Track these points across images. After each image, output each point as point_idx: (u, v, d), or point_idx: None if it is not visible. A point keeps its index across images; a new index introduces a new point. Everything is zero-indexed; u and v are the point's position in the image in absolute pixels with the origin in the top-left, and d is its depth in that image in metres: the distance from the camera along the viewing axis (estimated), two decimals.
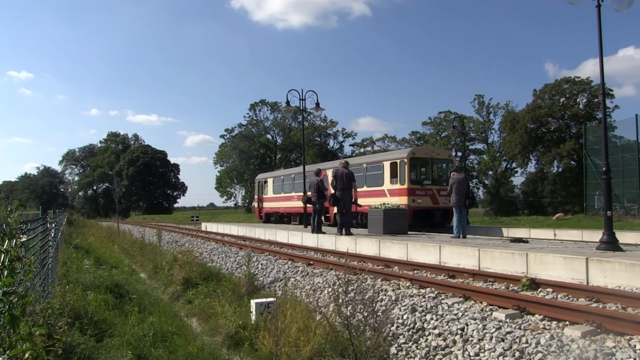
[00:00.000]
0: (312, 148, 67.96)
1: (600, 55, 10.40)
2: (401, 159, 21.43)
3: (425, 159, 22.22)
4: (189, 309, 10.03)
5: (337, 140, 77.04)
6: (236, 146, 75.63)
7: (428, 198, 21.25)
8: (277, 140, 79.04)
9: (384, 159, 23.15)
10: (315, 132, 72.22)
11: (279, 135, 79.37)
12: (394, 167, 21.58)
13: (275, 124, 78.79)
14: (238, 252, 16.29)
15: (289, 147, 74.63)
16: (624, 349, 4.99)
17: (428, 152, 22.74)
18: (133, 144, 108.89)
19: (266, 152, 77.79)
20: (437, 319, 6.64)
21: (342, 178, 15.63)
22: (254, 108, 78.60)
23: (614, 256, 8.49)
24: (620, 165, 24.54)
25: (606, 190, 10.33)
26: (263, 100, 78.18)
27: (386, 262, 11.58)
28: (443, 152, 24.38)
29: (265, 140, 77.25)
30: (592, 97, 50.03)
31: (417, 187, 21.13)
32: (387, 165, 22.10)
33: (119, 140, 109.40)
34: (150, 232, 30.08)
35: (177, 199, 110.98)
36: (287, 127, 76.79)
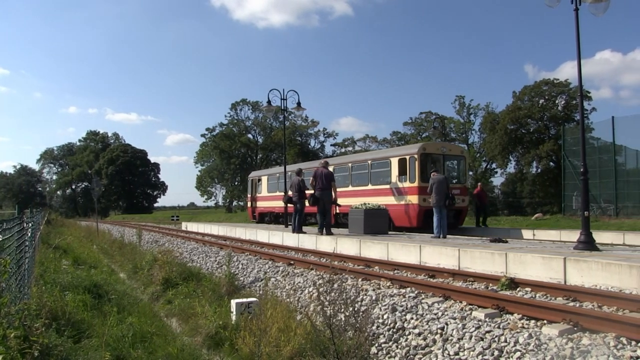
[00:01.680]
0: (293, 148, 67.86)
1: (578, 58, 10.54)
2: (411, 154, 19.93)
3: (436, 155, 20.64)
4: (168, 309, 9.96)
5: (318, 140, 77.04)
6: (217, 145, 75.19)
7: None
8: (258, 140, 78.79)
9: (391, 154, 21.62)
10: (296, 132, 72.09)
11: (260, 135, 79.13)
12: (403, 164, 20.14)
13: (257, 123, 78.51)
14: (218, 252, 16.22)
15: (270, 146, 74.43)
16: (599, 346, 5.07)
17: (440, 148, 21.01)
18: (113, 142, 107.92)
19: (247, 152, 77.48)
20: (417, 319, 6.68)
21: (321, 178, 15.67)
22: (235, 107, 78.25)
23: (591, 256, 8.61)
24: (597, 166, 24.86)
25: (583, 191, 10.46)
26: (244, 100, 77.91)
27: (367, 262, 11.61)
28: (455, 148, 22.70)
29: (246, 140, 76.91)
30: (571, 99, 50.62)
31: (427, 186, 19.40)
32: (395, 161, 20.59)
33: (99, 139, 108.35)
34: (130, 231, 29.83)
35: (157, 198, 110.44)
36: (269, 126, 76.61)
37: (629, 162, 26.13)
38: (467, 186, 22.08)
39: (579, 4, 10.14)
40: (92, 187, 32.25)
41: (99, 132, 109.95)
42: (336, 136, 79.65)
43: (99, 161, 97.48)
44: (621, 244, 15.25)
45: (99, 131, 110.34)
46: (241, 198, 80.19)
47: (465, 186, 21.20)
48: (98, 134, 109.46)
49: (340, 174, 23.64)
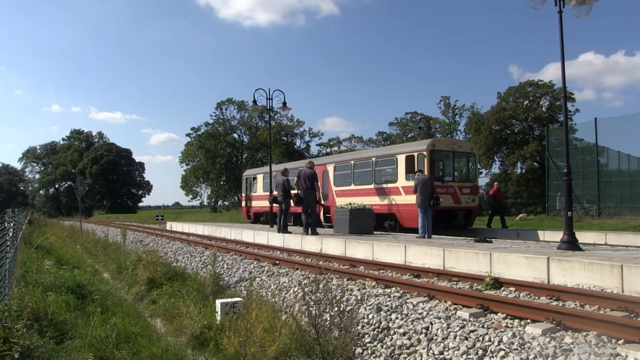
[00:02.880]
0: (279, 147, 67.75)
1: (562, 60, 10.63)
2: (420, 151, 18.84)
3: (446, 152, 19.52)
4: (153, 309, 9.90)
5: (304, 140, 76.94)
6: (202, 145, 74.86)
7: (449, 197, 18.83)
8: (243, 140, 78.57)
9: (398, 151, 20.39)
10: (282, 132, 71.96)
11: (245, 135, 78.89)
12: (411, 161, 19.05)
13: (242, 123, 78.30)
14: (203, 252, 16.16)
15: (256, 146, 74.23)
16: (581, 344, 5.14)
17: (449, 145, 19.98)
18: (97, 141, 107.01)
19: (232, 152, 77.22)
20: (402, 318, 6.69)
21: (305, 178, 15.73)
22: (220, 107, 77.95)
23: (574, 255, 8.69)
24: (580, 167, 25.08)
25: (567, 191, 10.55)
26: (230, 99, 77.64)
27: (352, 262, 11.63)
28: (465, 145, 21.53)
29: (232, 140, 76.65)
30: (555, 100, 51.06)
31: (437, 184, 18.15)
32: (402, 159, 19.44)
33: (83, 137, 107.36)
34: (114, 231, 29.61)
35: (142, 198, 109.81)
36: (254, 126, 76.43)
37: (611, 163, 26.41)
38: (477, 185, 21.04)
39: (562, 7, 10.22)
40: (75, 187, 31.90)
41: (83, 131, 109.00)
42: (322, 136, 79.85)
43: (83, 160, 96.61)
44: (603, 243, 15.40)
45: (83, 130, 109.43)
46: (226, 198, 79.99)
47: (475, 185, 20.31)
48: (82, 132, 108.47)
49: (341, 172, 23.13)
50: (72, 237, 27.09)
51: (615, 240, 15.90)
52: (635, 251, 10.38)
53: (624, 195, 24.48)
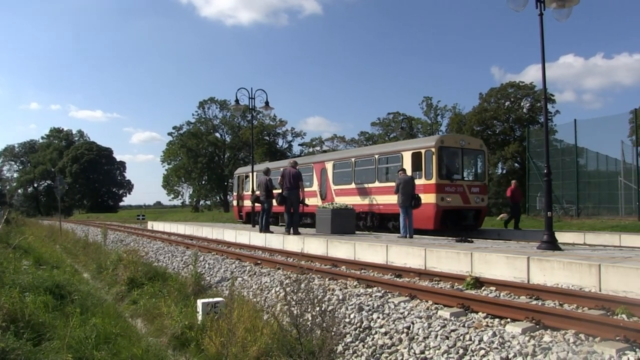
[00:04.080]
0: (261, 147, 67.62)
1: (543, 62, 10.73)
2: (427, 148, 17.99)
3: (454, 148, 18.65)
4: (133, 309, 9.80)
5: (286, 140, 76.91)
6: (184, 144, 74.47)
7: (458, 196, 17.98)
8: (225, 139, 78.31)
9: (403, 148, 19.45)
10: (264, 131, 71.81)
11: (227, 134, 78.65)
12: (417, 158, 18.18)
13: (224, 122, 78.03)
14: (185, 252, 16.06)
15: (238, 145, 74.03)
16: (560, 342, 5.20)
17: (458, 141, 19.11)
18: (77, 140, 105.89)
19: (215, 151, 76.91)
20: (384, 318, 6.71)
21: (289, 177, 15.70)
22: (202, 106, 77.62)
23: (553, 255, 8.78)
24: (560, 167, 25.36)
25: (547, 191, 10.65)
26: (212, 98, 77.34)
27: (334, 262, 11.64)
28: (474, 142, 20.31)
29: (214, 139, 76.36)
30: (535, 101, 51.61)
31: (446, 183, 17.76)
32: (408, 155, 18.52)
33: (63, 136, 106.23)
34: (95, 231, 29.33)
35: (123, 197, 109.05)
36: (236, 125, 76.23)
37: (590, 164, 26.80)
38: (487, 184, 20.26)
39: (543, 9, 10.32)
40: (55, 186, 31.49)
41: (63, 129, 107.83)
42: (304, 136, 79.77)
43: (63, 159, 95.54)
44: (582, 243, 15.59)
45: (62, 128, 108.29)
46: (208, 197, 79.65)
47: (484, 184, 19.43)
48: (62, 131, 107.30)
49: (341, 169, 22.34)
50: (51, 236, 26.70)
51: (594, 240, 16.12)
52: (613, 251, 10.53)
53: (602, 195, 24.82)
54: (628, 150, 26.09)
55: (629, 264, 7.33)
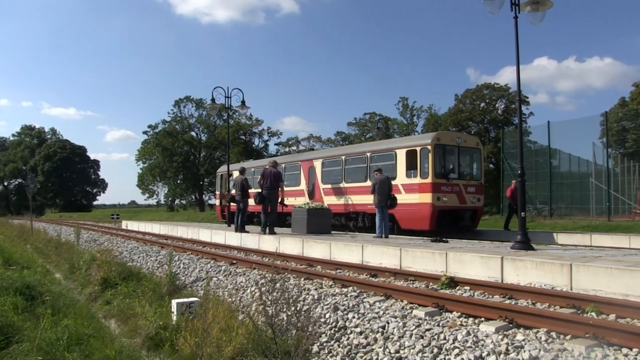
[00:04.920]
0: (237, 146, 67.25)
1: (517, 64, 10.86)
2: (423, 145, 17.41)
3: (451, 146, 18.09)
4: (107, 310, 9.68)
5: (262, 139, 76.64)
6: (159, 143, 73.70)
7: (454, 195, 17.44)
8: (201, 138, 77.79)
9: (397, 146, 18.92)
10: (240, 131, 71.45)
11: (203, 133, 78.11)
12: (412, 156, 17.63)
13: (200, 121, 77.43)
14: (159, 251, 15.93)
15: (214, 145, 73.56)
16: (532, 341, 5.28)
17: (454, 139, 18.56)
18: (50, 138, 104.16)
19: (190, 150, 76.29)
20: (359, 318, 6.73)
21: (269, 177, 15.65)
22: (178, 104, 76.92)
23: (527, 255, 8.88)
24: (534, 168, 25.70)
25: (521, 192, 10.79)
26: (188, 97, 76.70)
27: (309, 262, 11.64)
28: (470, 139, 19.79)
29: (190, 138, 75.76)
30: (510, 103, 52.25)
31: (442, 182, 17.18)
32: (402, 153, 17.97)
33: (34, 134, 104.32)
34: (67, 230, 28.91)
35: (97, 196, 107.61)
36: (212, 124, 75.72)
37: (563, 165, 27.26)
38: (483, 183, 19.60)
39: (518, 12, 10.46)
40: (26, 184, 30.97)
41: (35, 127, 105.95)
42: (280, 135, 79.45)
43: (35, 157, 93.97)
44: (554, 243, 15.80)
45: (34, 126, 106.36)
46: (184, 197, 79.03)
47: (480, 183, 18.87)
48: (34, 128, 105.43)
49: (331, 168, 21.72)
50: (21, 236, 26.27)
51: (566, 240, 16.35)
52: (584, 250, 10.71)
53: (574, 196, 25.22)
54: (599, 152, 26.66)
55: (599, 263, 7.46)
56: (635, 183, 26.90)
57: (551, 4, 10.24)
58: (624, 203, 25.23)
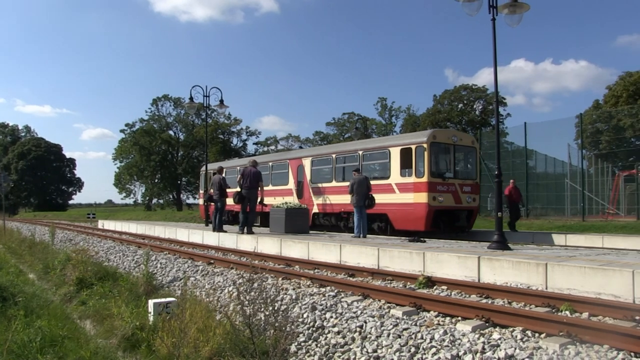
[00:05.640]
0: (215, 145, 67.00)
1: (495, 65, 10.98)
2: (418, 143, 16.77)
3: (446, 144, 17.47)
4: (82, 310, 9.54)
5: (241, 139, 76.50)
6: (136, 142, 73.09)
7: (450, 195, 16.91)
8: (179, 137, 77.30)
9: (391, 144, 18.23)
10: (218, 130, 71.21)
11: (181, 132, 77.73)
12: (407, 155, 17.01)
13: (178, 120, 77.03)
14: (136, 251, 15.78)
15: (192, 144, 73.20)
16: (508, 339, 5.34)
17: (450, 137, 17.83)
18: (24, 136, 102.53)
19: (168, 149, 75.80)
20: (337, 317, 6.73)
21: (249, 176, 15.60)
22: (156, 103, 76.41)
23: (503, 255, 8.98)
24: (510, 169, 25.94)
25: (497, 192, 10.90)
26: (166, 96, 76.28)
27: (287, 261, 11.63)
28: (466, 138, 19.12)
29: (167, 137, 75.26)
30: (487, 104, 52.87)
31: (438, 181, 16.68)
32: (397, 152, 17.35)
33: (8, 131, 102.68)
34: (42, 230, 28.50)
35: (73, 195, 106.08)
36: (190, 123, 75.40)
37: (539, 166, 27.61)
38: (478, 183, 19.35)
39: (495, 15, 10.57)
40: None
41: (8, 124, 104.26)
42: (259, 135, 79.41)
43: (8, 155, 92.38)
44: (530, 243, 15.97)
45: (7, 123, 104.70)
46: (161, 196, 78.41)
47: (476, 183, 18.50)
48: (7, 126, 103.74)
49: (320, 166, 21.12)
50: None
51: (542, 240, 16.54)
52: (559, 250, 10.85)
53: (550, 197, 25.54)
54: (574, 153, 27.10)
55: (573, 262, 7.58)
56: (609, 184, 27.42)
57: (528, 7, 10.38)
58: (597, 204, 25.68)
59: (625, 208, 25.68)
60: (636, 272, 6.61)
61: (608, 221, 21.72)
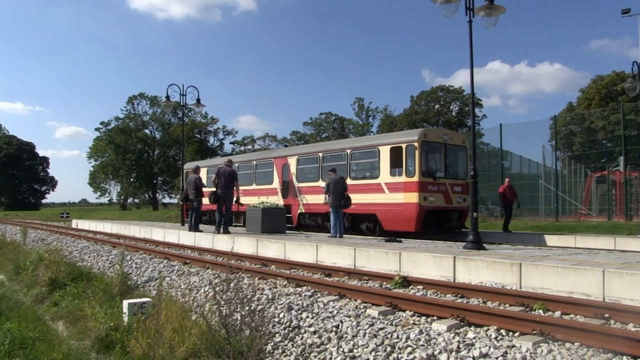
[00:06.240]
0: (192, 145, 66.50)
1: (471, 67, 11.09)
2: (409, 142, 16.35)
3: (437, 143, 17.07)
4: (55, 311, 9.39)
5: (218, 138, 76.07)
6: (112, 140, 72.26)
7: (441, 195, 16.52)
8: (155, 136, 76.61)
9: (380, 142, 17.76)
10: (195, 129, 70.68)
11: (157, 131, 77.00)
12: (397, 154, 16.60)
13: (154, 118, 76.31)
14: (111, 251, 15.58)
15: (168, 143, 72.57)
16: (482, 338, 5.40)
17: (441, 136, 17.45)
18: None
19: (144, 148, 75.07)
20: (313, 317, 6.73)
21: (224, 176, 15.53)
22: (132, 101, 75.61)
23: (478, 255, 9.08)
24: (486, 170, 26.22)
25: (473, 193, 11.01)
26: (142, 94, 75.51)
27: (264, 261, 11.61)
28: (457, 137, 18.65)
29: (143, 135, 74.54)
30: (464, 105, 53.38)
31: (429, 181, 16.31)
32: (386, 150, 16.92)
33: None
34: (13, 229, 27.99)
35: (46, 194, 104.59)
36: (167, 122, 74.77)
37: (514, 166, 27.93)
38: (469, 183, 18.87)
39: (472, 17, 10.68)
40: None
41: None
42: (236, 134, 78.91)
43: None
44: (505, 242, 16.12)
45: None
46: (137, 195, 77.64)
47: (466, 182, 17.24)
48: None
49: (307, 165, 20.54)
50: None
51: (516, 240, 16.73)
52: (533, 250, 10.99)
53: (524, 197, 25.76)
54: (548, 155, 27.53)
55: (547, 262, 7.69)
56: (581, 185, 27.85)
57: (504, 9, 10.51)
58: (570, 204, 26.09)
59: (597, 209, 26.14)
60: (606, 272, 6.74)
61: (580, 221, 22.09)
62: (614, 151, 28.90)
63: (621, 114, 23.80)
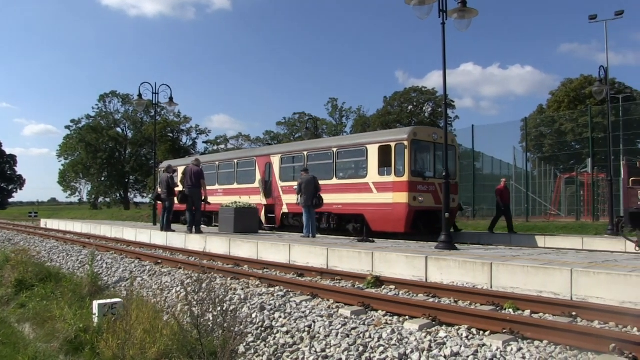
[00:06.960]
0: (165, 144, 65.90)
1: (444, 68, 11.19)
2: (398, 141, 15.93)
3: (427, 142, 16.68)
4: (21, 313, 9.23)
5: (191, 137, 75.55)
6: (83, 138, 71.22)
7: (430, 195, 16.03)
8: (127, 134, 75.71)
9: (368, 141, 17.19)
10: (168, 128, 70.09)
11: (129, 129, 76.15)
12: (386, 153, 16.17)
13: (126, 117, 75.47)
14: (81, 251, 15.36)
15: (140, 141, 71.77)
16: (454, 337, 5.47)
17: (431, 134, 16.92)
18: None
19: (115, 146, 74.17)
20: (286, 317, 6.73)
21: (191, 175, 15.42)
22: (103, 99, 74.71)
23: (450, 255, 9.16)
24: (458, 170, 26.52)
25: (445, 193, 11.10)
26: (114, 92, 74.63)
27: (236, 261, 11.57)
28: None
29: (115, 134, 73.64)
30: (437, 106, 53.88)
31: (418, 181, 15.85)
32: (374, 149, 16.47)
33: None
34: None
35: (13, 193, 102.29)
36: (139, 121, 73.91)
37: (485, 167, 28.33)
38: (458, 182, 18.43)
39: (445, 19, 10.78)
40: None
41: None
42: (209, 133, 78.44)
43: None
44: (477, 243, 16.24)
45: None
46: (108, 194, 76.65)
47: (456, 182, 17.69)
48: None
49: (290, 164, 20.08)
50: None
51: (488, 240, 16.91)
52: (504, 250, 11.13)
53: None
54: (519, 156, 28.00)
55: (517, 262, 7.80)
56: (551, 186, 28.36)
57: (476, 12, 10.64)
58: (540, 205, 26.54)
59: (565, 209, 26.65)
60: (574, 271, 6.86)
61: (550, 222, 22.49)
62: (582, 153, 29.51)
63: (589, 117, 24.32)
